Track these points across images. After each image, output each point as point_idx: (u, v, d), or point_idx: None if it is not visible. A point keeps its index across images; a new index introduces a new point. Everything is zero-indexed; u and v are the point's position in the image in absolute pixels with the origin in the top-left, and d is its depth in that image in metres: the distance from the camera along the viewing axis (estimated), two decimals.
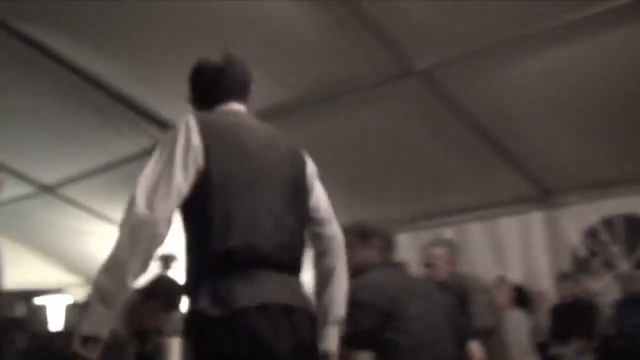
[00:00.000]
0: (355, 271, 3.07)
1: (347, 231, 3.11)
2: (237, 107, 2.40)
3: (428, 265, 4.40)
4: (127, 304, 4.13)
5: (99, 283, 2.01)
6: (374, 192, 6.32)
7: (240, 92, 2.43)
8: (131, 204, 2.05)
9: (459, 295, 4.15)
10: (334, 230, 2.49)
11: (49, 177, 7.14)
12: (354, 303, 2.82)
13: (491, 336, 4.15)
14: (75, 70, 5.45)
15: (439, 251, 4.47)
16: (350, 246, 3.09)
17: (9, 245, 4.58)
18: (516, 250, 6.44)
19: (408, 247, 5.93)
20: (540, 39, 4.41)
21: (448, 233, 6.51)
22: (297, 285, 2.25)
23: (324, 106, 5.24)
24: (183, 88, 5.43)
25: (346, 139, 5.66)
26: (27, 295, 8.54)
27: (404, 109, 5.18)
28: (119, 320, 4.19)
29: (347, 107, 5.20)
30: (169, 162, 2.12)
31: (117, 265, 2.01)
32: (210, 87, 2.45)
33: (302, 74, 5.02)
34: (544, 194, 6.22)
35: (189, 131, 2.17)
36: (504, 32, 4.35)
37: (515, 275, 6.30)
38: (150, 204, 2.05)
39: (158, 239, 2.04)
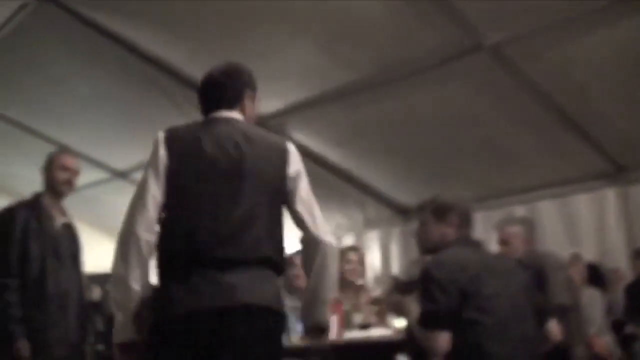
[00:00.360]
0: (431, 248, 3.06)
1: (423, 207, 3.10)
2: (225, 114, 2.56)
3: (504, 242, 4.34)
4: None
5: (111, 297, 2.36)
6: (444, 171, 6.28)
7: (230, 101, 2.59)
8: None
9: (535, 273, 4.09)
10: (313, 233, 2.51)
11: (122, 162, 7.31)
12: (431, 281, 2.80)
13: (569, 314, 4.08)
14: (146, 56, 5.55)
15: (515, 229, 4.40)
16: (426, 223, 3.08)
17: (84, 230, 4.70)
18: (590, 227, 6.32)
19: (479, 226, 5.86)
20: (612, 11, 4.31)
21: (519, 211, 6.43)
22: (245, 281, 2.27)
23: (393, 85, 5.23)
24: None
25: (415, 117, 5.64)
26: (102, 279, 8.74)
27: (474, 86, 5.13)
28: None
29: (416, 85, 5.17)
30: (145, 177, 2.42)
31: (118, 278, 2.32)
32: (203, 97, 2.65)
33: (370, 54, 5.01)
34: (617, 170, 6.09)
35: (158, 145, 2.44)
36: (576, 5, 4.26)
37: (589, 253, 6.18)
38: (131, 218, 2.35)
39: (143, 246, 2.31)
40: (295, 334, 3.75)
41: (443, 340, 2.76)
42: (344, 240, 8.04)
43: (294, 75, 5.46)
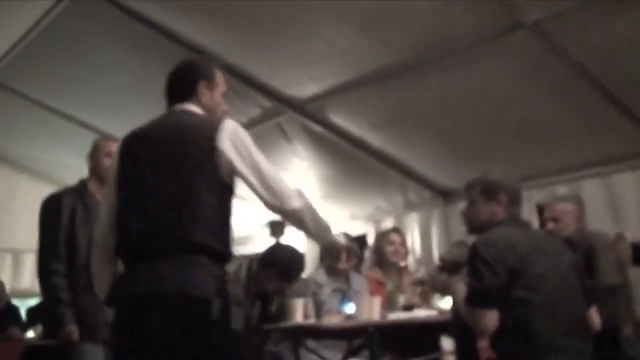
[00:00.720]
0: (479, 227, 3.04)
1: (472, 186, 3.08)
2: (179, 107, 2.66)
3: (554, 220, 4.25)
4: (247, 272, 4.24)
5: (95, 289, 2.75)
6: (484, 151, 6.20)
7: (182, 95, 2.68)
8: None
9: (585, 251, 4.03)
10: (272, 205, 2.49)
11: None
12: (479, 260, 2.78)
13: (618, 293, 4.00)
14: (187, 44, 5.59)
15: (567, 206, 4.30)
16: (474, 202, 3.06)
17: None
18: (634, 206, 6.20)
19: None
20: None
21: (561, 191, 6.35)
22: (167, 269, 2.31)
23: (433, 66, 5.20)
24: (291, 58, 5.52)
25: (455, 98, 5.59)
26: None
27: (514, 64, 5.05)
28: (240, 287, 4.29)
29: (456, 65, 5.13)
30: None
31: (93, 273, 2.72)
32: (165, 95, 2.77)
33: (409, 35, 4.96)
34: None
35: (115, 155, 2.69)
36: None
37: (634, 232, 6.09)
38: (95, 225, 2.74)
39: (102, 246, 2.62)
40: (335, 314, 3.75)
41: (490, 318, 2.75)
42: (384, 223, 8.05)
43: (332, 58, 5.45)
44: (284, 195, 2.45)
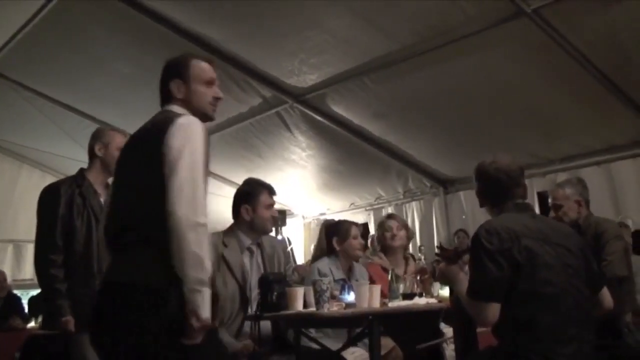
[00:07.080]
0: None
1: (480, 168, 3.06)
2: (164, 107, 2.67)
3: (555, 207, 4.17)
4: None
5: None
6: (485, 140, 6.20)
7: (164, 96, 2.69)
8: None
9: (593, 238, 3.97)
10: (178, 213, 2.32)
11: None
12: (482, 250, 2.69)
13: (624, 284, 3.94)
14: (186, 34, 5.59)
15: (565, 191, 4.21)
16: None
17: None
18: (634, 194, 6.20)
19: None
20: None
21: (562, 178, 6.35)
22: (121, 260, 2.46)
23: (433, 55, 5.21)
24: (291, 48, 5.49)
25: (456, 86, 5.60)
26: None
27: (514, 52, 5.06)
28: None
29: (457, 54, 5.14)
30: None
31: None
32: None
33: (410, 23, 4.96)
34: None
35: None
36: None
37: (634, 220, 6.08)
38: None
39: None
40: (335, 302, 3.74)
41: (492, 311, 2.67)
42: (385, 211, 8.07)
43: (332, 47, 5.44)
44: (170, 198, 2.34)
